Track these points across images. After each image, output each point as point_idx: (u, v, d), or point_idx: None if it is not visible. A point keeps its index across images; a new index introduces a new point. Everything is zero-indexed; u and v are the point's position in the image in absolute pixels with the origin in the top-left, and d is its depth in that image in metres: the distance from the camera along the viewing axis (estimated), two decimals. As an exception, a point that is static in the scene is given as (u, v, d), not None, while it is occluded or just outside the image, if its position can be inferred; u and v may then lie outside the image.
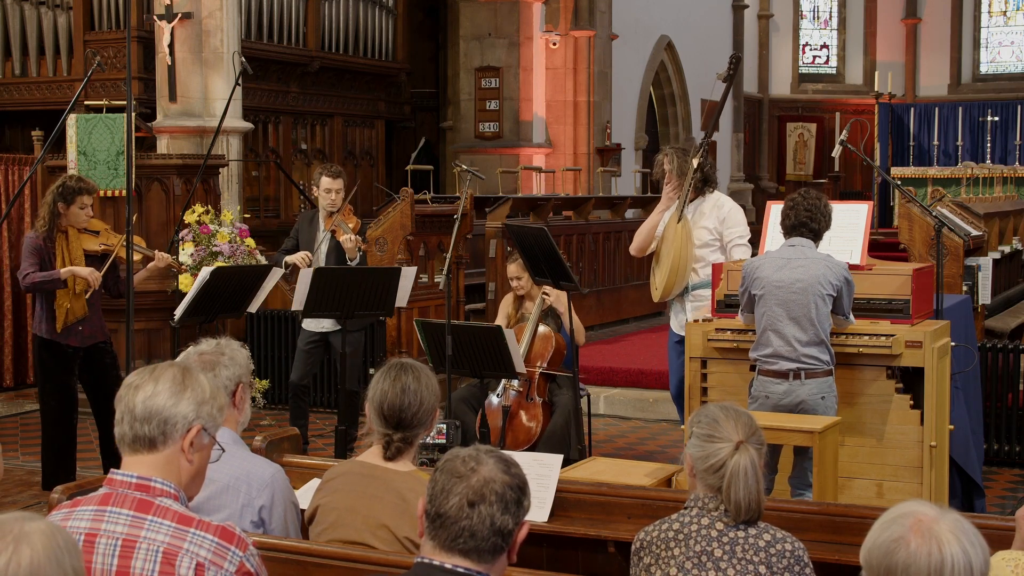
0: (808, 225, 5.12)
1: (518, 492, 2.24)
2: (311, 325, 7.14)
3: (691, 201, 6.29)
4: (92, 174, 8.22)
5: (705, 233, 6.24)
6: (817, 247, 5.15)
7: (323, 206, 7.13)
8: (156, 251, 6.67)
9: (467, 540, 2.19)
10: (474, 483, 2.21)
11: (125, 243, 6.39)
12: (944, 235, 6.32)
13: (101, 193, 8.28)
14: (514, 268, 6.66)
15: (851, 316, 5.13)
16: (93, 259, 6.35)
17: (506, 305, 6.88)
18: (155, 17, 10.40)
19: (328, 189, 7.08)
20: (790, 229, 5.17)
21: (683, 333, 6.14)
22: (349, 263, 7.00)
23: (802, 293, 4.97)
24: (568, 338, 6.45)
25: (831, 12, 23.80)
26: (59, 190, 6.23)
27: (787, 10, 23.50)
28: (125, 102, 5.77)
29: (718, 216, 6.24)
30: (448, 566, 2.20)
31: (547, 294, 6.46)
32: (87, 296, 6.27)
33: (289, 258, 7.17)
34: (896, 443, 5.19)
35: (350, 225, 7.05)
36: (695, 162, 6.18)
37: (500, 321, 6.87)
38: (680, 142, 19.82)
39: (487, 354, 5.81)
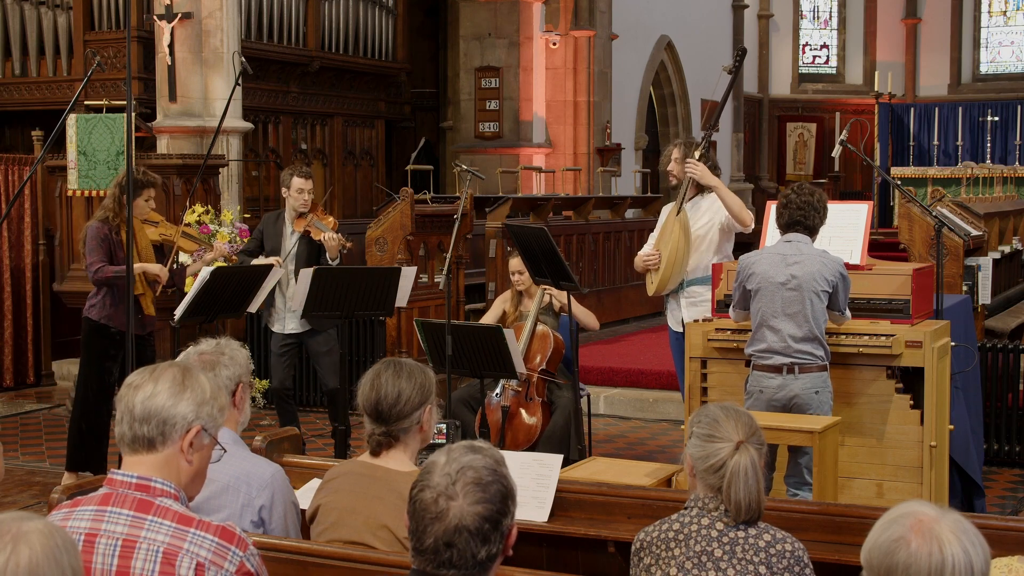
0: (803, 222, 5.13)
1: (496, 516, 2.18)
2: (279, 328, 7.11)
3: (690, 199, 6.28)
4: (92, 174, 8.22)
5: (702, 230, 6.24)
6: (814, 241, 5.16)
7: (294, 207, 7.07)
8: (214, 242, 6.77)
9: (450, 569, 2.17)
10: (447, 525, 2.15)
11: (187, 236, 6.68)
12: (944, 235, 6.32)
13: (101, 193, 8.28)
14: (516, 262, 6.64)
15: (847, 312, 5.14)
16: (155, 250, 6.53)
17: (502, 302, 6.86)
18: (155, 17, 10.39)
19: (300, 190, 7.03)
20: (785, 227, 5.19)
21: (681, 330, 6.16)
22: (330, 263, 6.97)
23: (797, 289, 4.98)
24: (567, 337, 6.45)
25: (831, 12, 23.80)
26: (126, 182, 6.27)
27: (787, 10, 23.50)
28: (125, 102, 5.76)
29: (714, 210, 6.23)
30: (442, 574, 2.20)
31: (546, 288, 6.46)
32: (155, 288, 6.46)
33: (257, 263, 7.08)
34: (896, 443, 5.19)
35: (327, 224, 7.01)
36: (696, 154, 6.19)
37: (491, 314, 6.86)
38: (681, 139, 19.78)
39: (487, 354, 5.81)
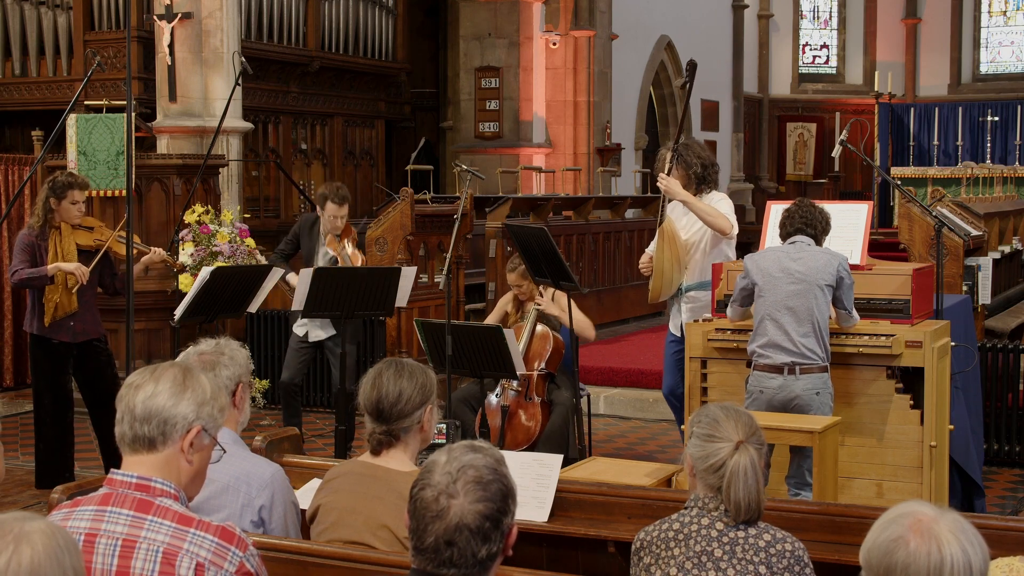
0: (806, 230, 5.16)
1: (497, 515, 2.19)
2: (301, 332, 7.12)
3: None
4: (92, 174, 8.23)
5: (696, 236, 6.21)
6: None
7: (327, 230, 7.09)
8: (152, 247, 6.66)
9: (451, 568, 2.17)
10: (448, 523, 2.15)
11: (122, 240, 6.38)
12: (944, 235, 6.32)
13: (101, 193, 8.28)
14: (514, 277, 6.65)
15: (855, 313, 5.14)
16: (86, 255, 6.33)
17: (504, 304, 6.87)
18: (155, 17, 10.40)
19: (334, 216, 7.03)
20: (788, 236, 5.20)
21: (678, 334, 6.18)
22: None
23: (802, 284, 5.00)
24: (567, 339, 6.45)
25: (831, 12, 23.80)
26: (50, 185, 6.24)
27: (787, 10, 23.50)
28: (125, 102, 5.77)
29: None
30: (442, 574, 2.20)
31: (539, 304, 6.46)
32: (76, 290, 6.25)
33: (291, 278, 7.13)
34: (896, 443, 5.19)
35: (356, 261, 7.04)
36: (667, 167, 6.15)
37: (494, 317, 6.87)
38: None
39: (487, 354, 5.81)
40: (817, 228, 5.17)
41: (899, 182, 11.63)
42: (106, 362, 6.49)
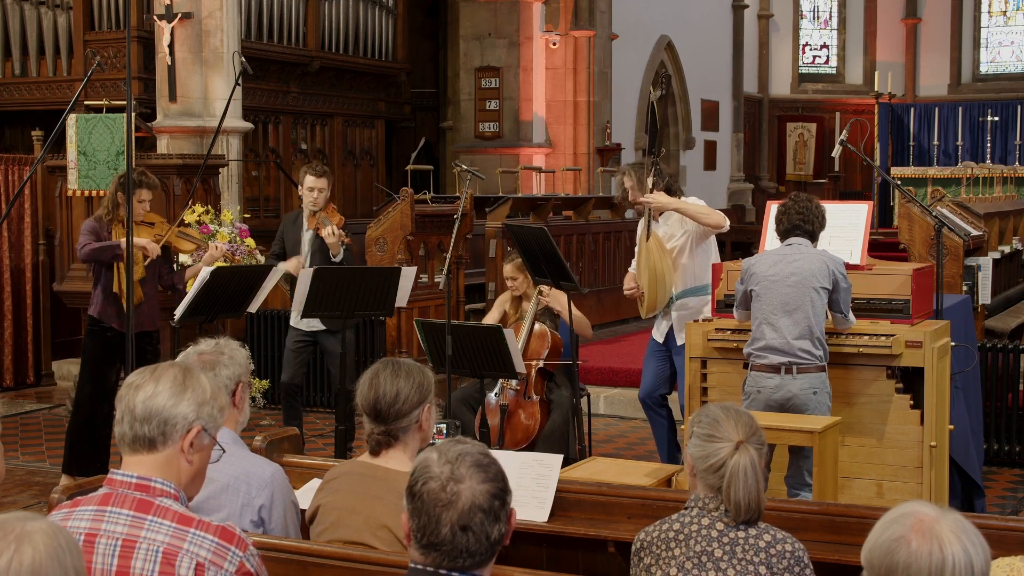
0: (802, 227, 5.15)
1: (501, 494, 2.22)
2: (302, 324, 7.12)
3: (659, 216, 6.28)
4: (92, 174, 8.21)
5: (679, 242, 6.24)
6: (815, 246, 5.18)
7: (306, 204, 7.12)
8: (211, 242, 6.77)
9: (467, 558, 2.19)
10: (461, 508, 2.17)
11: (183, 236, 6.67)
12: (944, 235, 6.32)
13: (101, 193, 8.28)
14: (510, 268, 6.67)
15: (851, 316, 5.14)
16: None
17: (502, 303, 6.87)
18: (155, 17, 10.39)
19: (311, 188, 7.05)
20: (784, 233, 5.20)
21: (661, 340, 6.32)
22: (332, 259, 6.98)
23: (797, 286, 4.99)
24: (566, 337, 6.45)
25: (831, 12, 23.81)
26: (121, 181, 6.35)
27: (787, 10, 23.50)
28: (125, 102, 5.76)
29: (685, 219, 6.22)
30: (443, 572, 2.20)
31: (542, 294, 6.46)
32: (145, 267, 6.42)
33: (283, 266, 7.14)
34: (896, 443, 5.19)
35: (333, 221, 7.03)
36: (649, 182, 6.17)
37: (493, 315, 6.87)
38: (680, 142, 19.85)
39: (487, 354, 5.81)
40: (814, 224, 5.17)
41: (899, 182, 11.63)
42: (152, 358, 6.48)
